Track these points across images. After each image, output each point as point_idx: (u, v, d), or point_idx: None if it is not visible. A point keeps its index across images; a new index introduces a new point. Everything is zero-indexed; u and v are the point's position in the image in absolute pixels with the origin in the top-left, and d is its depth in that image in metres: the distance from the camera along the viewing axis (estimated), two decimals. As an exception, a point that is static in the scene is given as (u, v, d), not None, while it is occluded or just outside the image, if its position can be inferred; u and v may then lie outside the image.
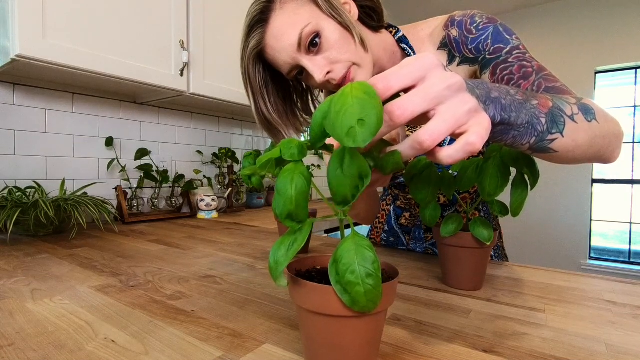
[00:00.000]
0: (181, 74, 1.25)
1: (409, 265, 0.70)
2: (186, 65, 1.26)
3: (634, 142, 3.14)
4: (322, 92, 0.77)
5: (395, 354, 0.36)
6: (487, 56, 0.60)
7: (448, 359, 0.35)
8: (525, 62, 0.57)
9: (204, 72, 1.33)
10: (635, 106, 3.13)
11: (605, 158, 0.48)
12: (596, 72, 3.19)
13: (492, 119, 0.35)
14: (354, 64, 0.60)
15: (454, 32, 0.63)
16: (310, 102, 0.75)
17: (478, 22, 0.61)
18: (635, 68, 3.08)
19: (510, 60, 0.58)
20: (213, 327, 0.42)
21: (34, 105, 1.16)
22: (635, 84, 3.12)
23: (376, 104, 0.25)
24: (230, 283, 0.58)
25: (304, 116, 0.74)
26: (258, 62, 0.63)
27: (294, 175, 0.28)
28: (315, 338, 0.29)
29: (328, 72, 0.59)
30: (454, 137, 0.30)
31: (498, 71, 0.59)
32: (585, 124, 0.41)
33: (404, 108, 0.27)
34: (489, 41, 0.60)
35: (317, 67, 0.58)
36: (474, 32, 0.61)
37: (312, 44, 0.58)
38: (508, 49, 0.58)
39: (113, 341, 0.38)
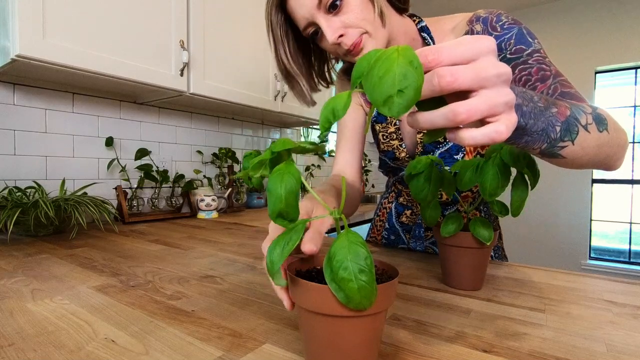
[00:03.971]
0: (181, 74, 1.25)
1: (409, 265, 0.70)
2: (186, 65, 1.26)
3: (634, 142, 3.14)
4: (337, 61, 0.77)
5: (395, 354, 0.36)
6: (508, 55, 0.61)
7: (448, 359, 0.35)
8: (544, 66, 0.58)
9: (204, 72, 1.33)
10: (635, 106, 3.13)
11: (609, 166, 0.49)
12: (596, 72, 3.19)
13: None
14: (366, 32, 0.60)
15: (478, 27, 0.64)
16: (327, 69, 0.77)
17: (504, 21, 0.62)
18: (635, 68, 3.08)
19: (530, 62, 0.59)
20: (213, 327, 0.42)
21: (34, 105, 1.16)
22: (635, 84, 3.11)
23: (418, 77, 0.25)
24: (230, 283, 0.58)
25: (319, 80, 0.76)
26: (280, 12, 0.64)
27: (284, 175, 0.29)
28: (315, 338, 0.29)
29: (341, 36, 0.60)
30: (478, 125, 0.30)
31: (517, 71, 0.59)
32: (597, 133, 0.42)
33: (456, 76, 0.27)
34: (512, 41, 0.61)
35: (330, 28, 0.59)
36: (499, 29, 0.62)
37: (333, 5, 0.59)
38: (529, 51, 0.59)
39: (113, 341, 0.38)
